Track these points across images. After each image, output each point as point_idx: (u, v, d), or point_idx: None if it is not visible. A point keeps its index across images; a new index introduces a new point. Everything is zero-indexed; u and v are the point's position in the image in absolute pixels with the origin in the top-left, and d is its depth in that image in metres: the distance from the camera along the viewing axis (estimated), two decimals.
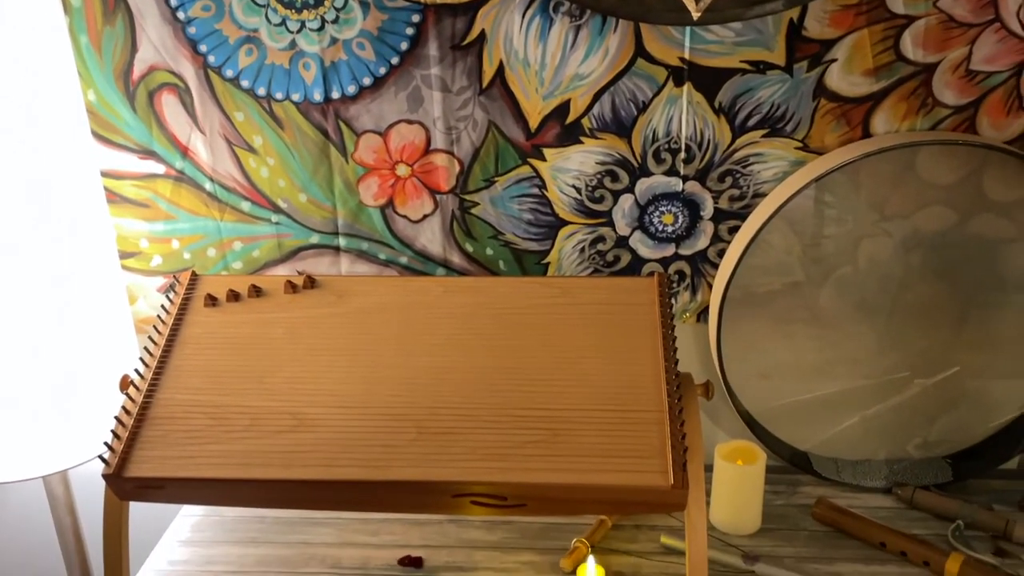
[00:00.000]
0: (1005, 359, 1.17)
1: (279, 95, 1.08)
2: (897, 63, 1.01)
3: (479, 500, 0.89)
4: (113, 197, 1.15)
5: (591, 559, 1.01)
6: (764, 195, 1.09)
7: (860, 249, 1.11)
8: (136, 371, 0.95)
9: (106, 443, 0.88)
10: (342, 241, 1.15)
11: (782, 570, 1.02)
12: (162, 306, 1.01)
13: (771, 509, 1.14)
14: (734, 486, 1.09)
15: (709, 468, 1.11)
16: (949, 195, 1.08)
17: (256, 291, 1.04)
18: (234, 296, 1.04)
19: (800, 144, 1.06)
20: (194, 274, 1.06)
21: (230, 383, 0.95)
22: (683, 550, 1.05)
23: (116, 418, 0.91)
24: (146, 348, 0.97)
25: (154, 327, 0.99)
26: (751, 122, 1.06)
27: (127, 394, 0.94)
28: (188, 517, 1.16)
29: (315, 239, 1.15)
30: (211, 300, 1.03)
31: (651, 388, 0.92)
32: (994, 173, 1.06)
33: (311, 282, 1.05)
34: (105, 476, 0.88)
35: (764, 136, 1.06)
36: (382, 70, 1.05)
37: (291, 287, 1.04)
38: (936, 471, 1.19)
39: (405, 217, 1.13)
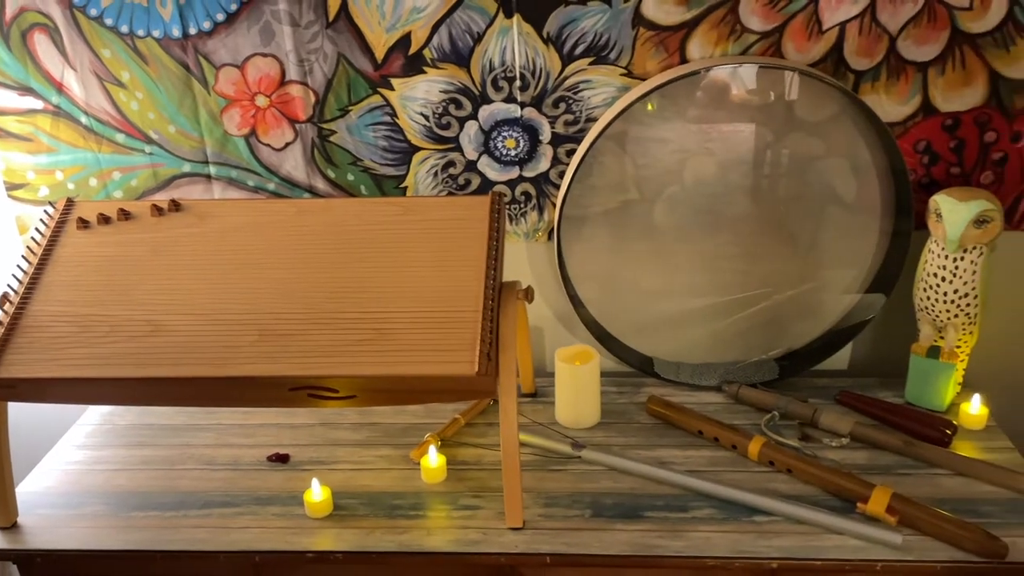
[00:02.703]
0: (829, 269, 1.28)
1: (141, 32, 1.15)
2: None
3: (314, 393, 1.00)
4: None
5: (432, 448, 1.12)
6: (596, 119, 1.18)
7: (686, 168, 1.21)
8: (10, 287, 1.05)
9: None
10: (212, 169, 1.24)
11: (606, 455, 1.14)
12: (37, 229, 1.10)
13: (613, 407, 1.26)
14: (572, 385, 1.21)
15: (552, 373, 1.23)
16: (763, 115, 1.17)
17: (125, 214, 1.13)
18: (104, 219, 1.13)
19: (625, 71, 1.15)
20: (69, 200, 1.14)
21: (95, 296, 1.05)
22: (524, 441, 1.18)
23: None
24: (19, 266, 1.06)
25: (28, 248, 1.08)
26: (578, 51, 1.14)
27: (2, 308, 1.04)
28: (83, 426, 1.27)
29: (187, 168, 1.24)
30: (83, 223, 1.12)
31: (472, 292, 1.02)
32: (802, 94, 1.16)
33: (176, 206, 1.14)
34: None
35: (591, 64, 1.15)
36: (234, 6, 1.13)
37: (157, 210, 1.13)
38: (766, 371, 1.30)
39: (268, 145, 1.22)
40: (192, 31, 1.15)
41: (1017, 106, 1.14)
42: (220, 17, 1.14)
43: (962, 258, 1.13)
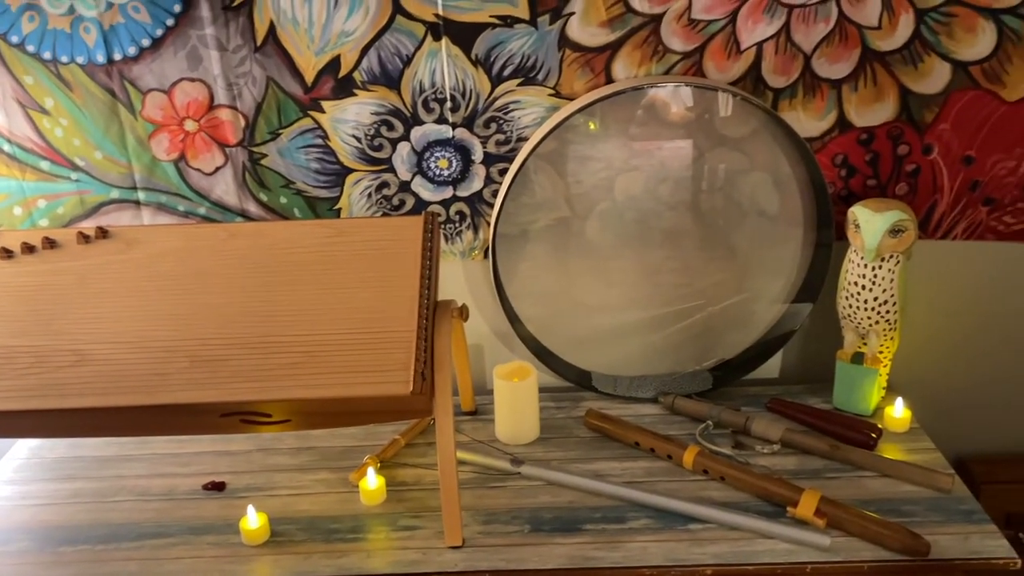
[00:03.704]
0: (758, 281, 1.31)
1: (64, 58, 1.14)
2: (628, 15, 1.13)
3: (247, 419, 0.99)
4: None
5: (371, 470, 1.12)
6: (527, 138, 1.20)
7: (616, 184, 1.23)
8: None
9: None
10: (141, 195, 1.22)
11: (545, 470, 1.14)
12: None
13: (552, 421, 1.28)
14: (511, 401, 1.22)
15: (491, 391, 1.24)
16: (689, 132, 1.21)
17: (50, 243, 1.11)
18: (29, 248, 1.11)
19: (553, 91, 1.18)
20: None
21: (19, 327, 1.03)
22: (463, 459, 1.18)
23: None
24: None
25: None
26: (506, 72, 1.16)
27: None
28: (11, 460, 1.24)
29: (115, 194, 1.22)
30: (6, 253, 1.10)
31: (406, 312, 1.03)
32: (725, 111, 1.19)
33: (103, 233, 1.12)
34: None
35: (520, 85, 1.17)
36: (159, 31, 1.12)
37: (83, 238, 1.12)
38: (700, 381, 1.33)
39: (198, 170, 1.21)
40: (117, 57, 1.14)
41: (927, 120, 1.19)
42: (145, 43, 1.13)
43: (880, 266, 1.17)
